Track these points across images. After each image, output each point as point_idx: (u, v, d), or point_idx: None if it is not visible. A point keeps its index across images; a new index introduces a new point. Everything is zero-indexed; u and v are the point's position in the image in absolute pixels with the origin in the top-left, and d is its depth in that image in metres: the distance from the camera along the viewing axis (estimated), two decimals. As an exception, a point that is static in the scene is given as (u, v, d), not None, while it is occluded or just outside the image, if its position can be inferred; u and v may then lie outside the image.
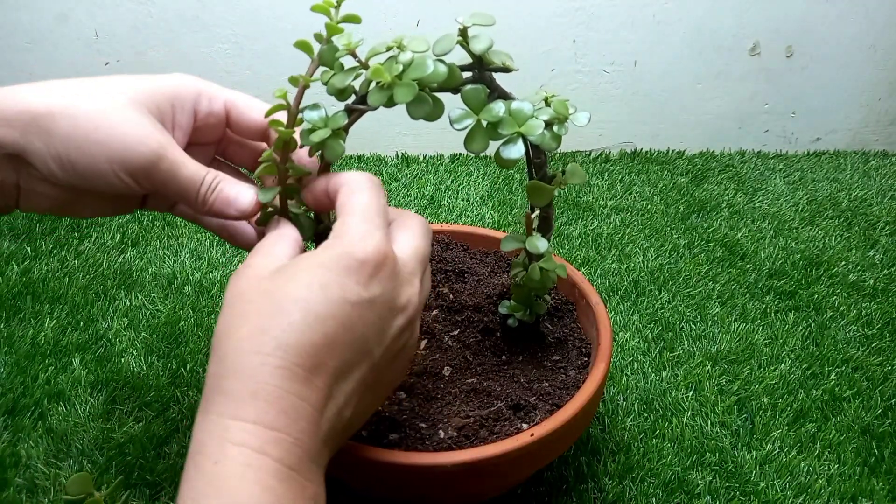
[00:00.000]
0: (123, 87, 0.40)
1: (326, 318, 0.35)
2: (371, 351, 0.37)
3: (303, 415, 0.33)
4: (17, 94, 0.38)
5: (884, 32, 1.03)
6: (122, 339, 0.65)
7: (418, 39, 0.39)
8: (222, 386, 0.33)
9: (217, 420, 0.33)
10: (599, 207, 0.90)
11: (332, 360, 0.35)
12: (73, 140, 0.38)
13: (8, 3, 0.91)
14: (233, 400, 0.33)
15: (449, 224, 0.67)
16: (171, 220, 0.84)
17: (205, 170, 0.41)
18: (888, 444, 0.58)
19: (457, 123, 0.41)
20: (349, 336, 0.35)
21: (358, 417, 0.38)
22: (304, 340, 0.34)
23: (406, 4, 0.94)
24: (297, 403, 0.33)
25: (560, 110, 0.42)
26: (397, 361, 0.40)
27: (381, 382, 0.39)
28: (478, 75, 0.42)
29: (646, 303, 0.73)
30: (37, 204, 0.41)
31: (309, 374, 0.34)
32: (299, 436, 0.33)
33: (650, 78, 1.03)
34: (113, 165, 0.38)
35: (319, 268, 0.36)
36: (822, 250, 0.83)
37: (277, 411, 0.33)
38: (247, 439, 0.32)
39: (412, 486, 0.45)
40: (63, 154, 0.38)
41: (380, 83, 0.39)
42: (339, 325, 0.35)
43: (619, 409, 0.60)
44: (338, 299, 0.35)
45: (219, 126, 0.45)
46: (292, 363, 0.34)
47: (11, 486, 0.51)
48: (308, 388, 0.34)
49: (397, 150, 1.04)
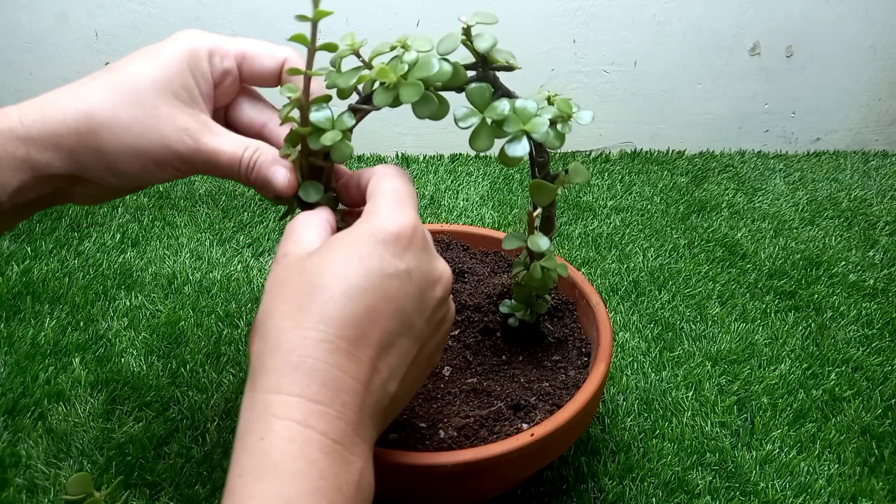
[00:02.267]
0: (147, 75, 0.40)
1: (367, 290, 0.35)
2: (413, 323, 0.37)
3: (345, 388, 0.33)
4: (56, 107, 0.39)
5: (884, 32, 1.03)
6: (122, 339, 0.65)
7: (422, 39, 0.39)
8: (265, 364, 0.34)
9: (261, 397, 0.33)
10: (599, 207, 0.90)
11: (375, 333, 0.35)
12: (121, 152, 0.39)
13: (8, 3, 0.91)
14: (275, 375, 0.33)
15: (449, 224, 0.67)
16: (171, 220, 0.84)
17: (242, 147, 0.41)
18: (888, 444, 0.58)
19: (462, 122, 0.41)
20: (391, 307, 0.35)
21: (403, 392, 0.38)
22: (346, 313, 0.34)
23: (406, 4, 0.94)
24: (339, 376, 0.33)
25: (564, 108, 0.42)
26: (438, 334, 0.40)
27: (426, 356, 0.39)
28: (482, 74, 0.42)
29: (646, 303, 0.73)
30: (91, 201, 0.43)
31: (352, 347, 0.34)
32: (342, 409, 0.33)
33: (650, 78, 1.03)
34: (160, 165, 0.40)
35: (355, 242, 0.36)
36: (822, 250, 0.83)
37: (319, 384, 0.33)
38: (290, 413, 0.32)
39: (412, 485, 0.45)
40: (113, 165, 0.39)
41: (385, 83, 0.39)
42: (379, 297, 0.35)
43: (619, 409, 0.60)
44: (377, 271, 0.35)
45: (234, 85, 0.44)
46: (335, 336, 0.34)
47: (11, 486, 0.51)
48: (351, 361, 0.34)
49: (397, 150, 1.04)
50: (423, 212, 0.88)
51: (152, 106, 0.39)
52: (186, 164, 0.40)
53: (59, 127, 0.38)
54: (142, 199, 0.88)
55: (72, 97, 0.39)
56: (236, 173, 0.41)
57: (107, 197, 0.43)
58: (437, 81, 0.40)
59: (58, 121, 0.38)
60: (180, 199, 0.88)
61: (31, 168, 0.38)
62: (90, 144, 0.39)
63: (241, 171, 0.41)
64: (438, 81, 0.40)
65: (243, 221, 0.84)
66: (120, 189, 0.42)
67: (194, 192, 0.90)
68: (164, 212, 0.85)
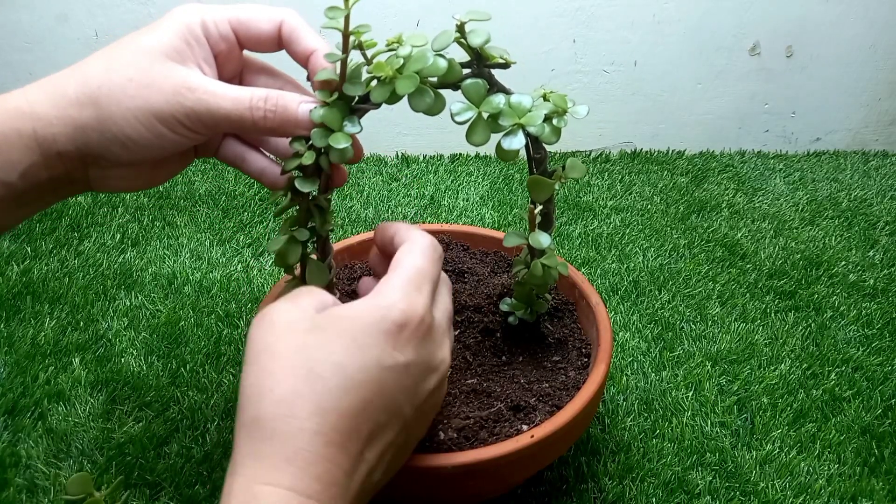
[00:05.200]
0: (140, 45, 0.40)
1: (363, 383, 0.34)
2: (403, 412, 0.37)
3: (335, 481, 0.33)
4: (58, 83, 0.39)
5: (884, 32, 1.03)
6: (122, 339, 0.65)
7: (417, 35, 0.40)
8: (258, 450, 0.33)
9: (247, 485, 0.32)
10: (599, 207, 0.90)
11: (367, 425, 0.35)
12: (121, 115, 0.38)
13: (8, 3, 0.91)
14: (267, 465, 0.32)
15: (449, 224, 0.67)
16: (171, 220, 0.84)
17: (248, 92, 0.40)
18: (888, 444, 0.58)
19: (458, 116, 0.41)
20: (384, 401, 0.35)
21: (385, 477, 0.38)
22: (342, 406, 0.34)
23: (406, 4, 0.94)
24: (331, 469, 0.33)
25: (559, 103, 0.43)
26: (426, 417, 0.40)
27: (410, 440, 0.39)
28: (477, 70, 0.42)
29: (646, 303, 0.73)
30: (111, 186, 0.42)
31: (344, 440, 0.34)
32: (329, 502, 0.33)
33: (650, 78, 1.03)
34: (166, 123, 0.39)
35: (357, 327, 0.35)
36: (822, 250, 0.83)
37: (311, 477, 0.32)
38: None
39: (412, 487, 0.45)
40: (119, 133, 0.38)
41: (382, 78, 0.39)
42: (374, 391, 0.35)
43: (619, 409, 0.60)
44: (375, 364, 0.35)
45: (234, 51, 0.44)
46: (330, 429, 0.33)
47: (11, 486, 0.51)
48: (342, 453, 0.34)
49: (397, 150, 1.04)
50: (423, 212, 0.88)
51: (146, 67, 0.39)
52: (191, 118, 0.39)
53: (61, 100, 0.38)
54: (142, 199, 0.88)
55: (70, 73, 0.39)
56: (245, 120, 0.40)
57: (125, 184, 0.42)
58: (433, 75, 0.40)
59: (59, 94, 0.38)
60: (180, 199, 0.88)
61: (38, 146, 0.38)
62: (92, 114, 0.38)
63: (252, 115, 0.40)
64: (434, 75, 0.40)
65: (243, 221, 0.84)
66: (133, 165, 0.41)
67: (194, 192, 0.90)
68: (164, 212, 0.85)
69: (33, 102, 0.38)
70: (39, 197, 0.41)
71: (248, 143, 0.47)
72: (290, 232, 0.43)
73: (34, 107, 0.38)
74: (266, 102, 0.40)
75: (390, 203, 0.90)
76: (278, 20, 0.43)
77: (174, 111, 0.39)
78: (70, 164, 0.40)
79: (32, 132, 0.38)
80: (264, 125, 0.40)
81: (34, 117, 0.38)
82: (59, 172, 0.40)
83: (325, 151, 0.41)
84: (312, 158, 0.41)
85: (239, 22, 0.43)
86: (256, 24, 0.43)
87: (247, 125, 0.40)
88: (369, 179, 0.95)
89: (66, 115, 0.38)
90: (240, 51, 0.44)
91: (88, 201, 0.86)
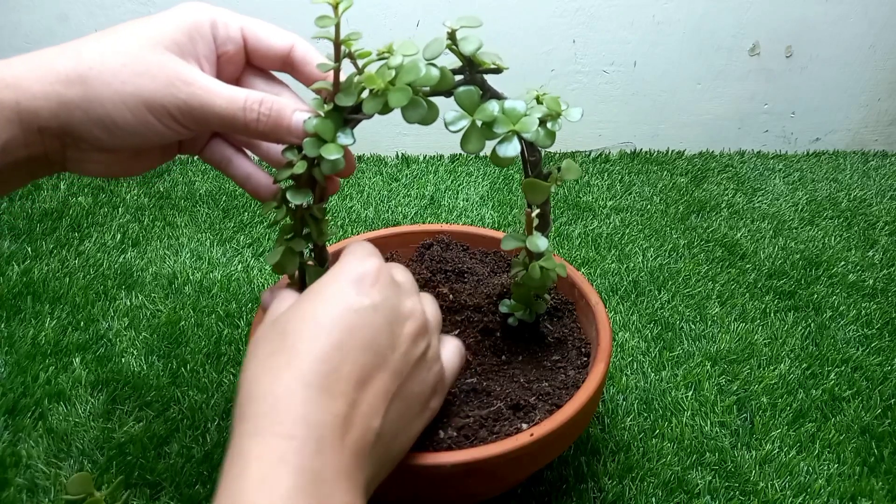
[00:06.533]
0: (140, 33, 0.39)
1: (333, 326, 0.36)
2: (386, 356, 0.37)
3: (322, 422, 0.33)
4: (44, 61, 0.38)
5: (884, 32, 1.03)
6: (122, 339, 0.65)
7: (408, 44, 0.40)
8: (244, 412, 0.34)
9: (238, 441, 0.33)
10: (599, 207, 0.90)
11: (346, 366, 0.35)
12: (109, 99, 0.38)
13: (8, 3, 0.91)
14: (252, 420, 0.33)
15: (449, 224, 0.67)
16: (171, 220, 0.84)
17: (242, 93, 0.40)
18: (888, 444, 0.58)
19: (452, 125, 0.41)
20: (358, 341, 0.36)
21: (393, 431, 0.38)
22: (314, 348, 0.35)
23: (406, 5, 0.94)
24: (314, 411, 0.33)
25: (552, 107, 0.43)
26: (421, 372, 0.40)
27: (410, 393, 0.39)
28: (469, 77, 0.42)
29: (645, 303, 0.73)
30: (87, 170, 0.42)
31: (326, 382, 0.34)
32: (320, 445, 0.33)
33: (650, 78, 1.03)
34: (156, 113, 0.38)
35: (321, 287, 0.38)
36: (821, 250, 0.83)
37: (294, 420, 0.33)
38: (265, 452, 0.32)
39: (411, 486, 0.45)
40: (104, 116, 0.38)
41: (373, 90, 0.39)
42: (345, 331, 0.36)
43: (618, 408, 0.60)
44: (342, 307, 0.37)
45: (238, 55, 0.43)
46: (307, 370, 0.34)
47: (12, 485, 0.51)
48: (326, 395, 0.34)
49: (397, 150, 1.04)
50: (423, 212, 0.88)
51: (142, 55, 0.38)
52: (182, 111, 0.39)
53: (49, 74, 0.37)
54: (142, 199, 0.88)
55: (62, 50, 0.39)
56: (237, 121, 0.40)
57: (101, 168, 0.42)
58: (425, 85, 0.40)
59: (47, 68, 0.37)
60: (180, 199, 0.88)
61: (19, 119, 0.37)
62: (80, 93, 0.37)
63: (244, 116, 0.40)
64: (426, 85, 0.40)
65: (243, 221, 0.84)
66: (113, 151, 0.40)
67: (194, 192, 0.90)
68: (164, 212, 0.86)
69: (17, 74, 0.37)
70: (14, 175, 0.40)
71: (236, 146, 0.47)
72: (285, 243, 0.43)
73: (18, 78, 0.37)
74: (261, 105, 0.40)
75: (390, 203, 0.90)
76: (291, 41, 0.43)
77: (165, 102, 0.38)
78: (49, 142, 0.39)
79: (15, 104, 0.37)
80: (256, 128, 0.40)
81: (17, 89, 0.37)
82: (36, 150, 0.39)
83: (317, 163, 0.41)
84: (304, 168, 0.41)
85: (252, 31, 0.43)
86: (268, 38, 0.43)
87: (238, 126, 0.40)
88: (369, 179, 0.95)
89: (52, 91, 0.37)
90: (244, 57, 0.44)
91: (89, 201, 0.86)
